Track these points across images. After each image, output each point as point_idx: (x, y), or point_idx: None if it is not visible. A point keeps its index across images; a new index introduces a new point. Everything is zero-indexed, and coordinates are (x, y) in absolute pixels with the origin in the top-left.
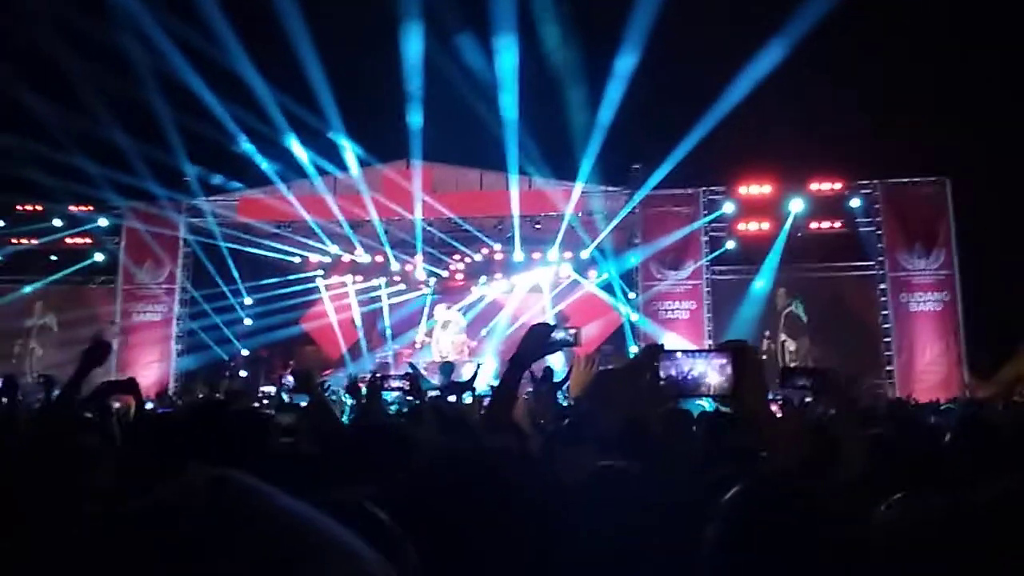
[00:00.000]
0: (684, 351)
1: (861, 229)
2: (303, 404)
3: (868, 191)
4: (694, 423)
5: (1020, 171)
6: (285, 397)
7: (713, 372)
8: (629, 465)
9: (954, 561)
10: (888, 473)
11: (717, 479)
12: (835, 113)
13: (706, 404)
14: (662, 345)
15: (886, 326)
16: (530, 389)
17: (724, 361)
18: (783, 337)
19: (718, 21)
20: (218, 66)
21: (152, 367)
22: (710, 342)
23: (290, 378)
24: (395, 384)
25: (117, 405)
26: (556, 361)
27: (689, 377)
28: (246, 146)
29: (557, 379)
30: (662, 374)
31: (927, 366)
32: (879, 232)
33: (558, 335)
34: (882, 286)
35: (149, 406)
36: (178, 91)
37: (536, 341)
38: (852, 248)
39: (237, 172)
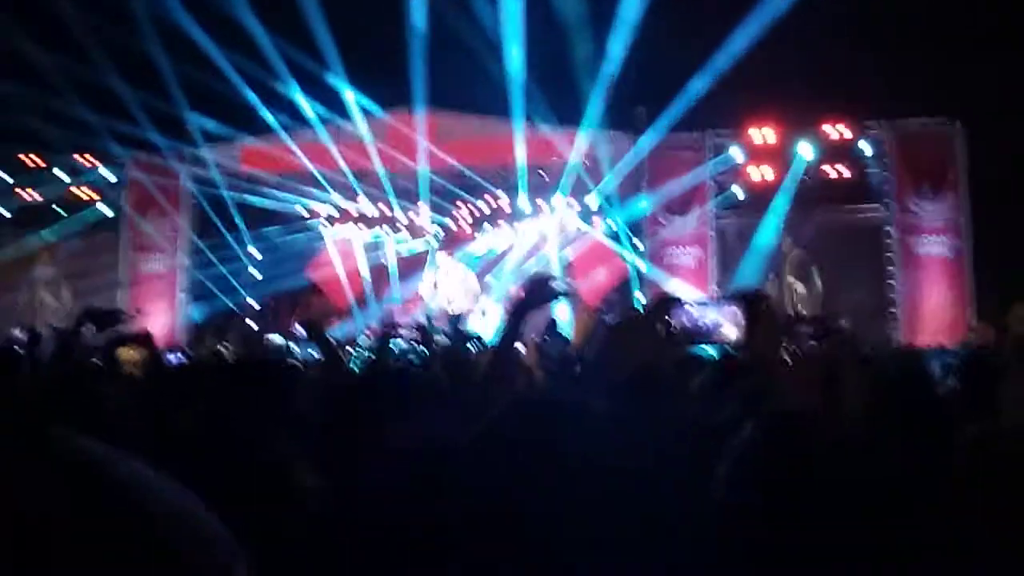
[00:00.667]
0: (696, 301)
1: (870, 172)
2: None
3: (876, 133)
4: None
5: None
6: (295, 347)
7: (726, 320)
8: (638, 410)
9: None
10: (889, 416)
11: (726, 420)
12: (845, 54)
13: (713, 351)
14: (674, 295)
15: (891, 268)
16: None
17: (737, 309)
18: (790, 279)
19: None
20: (217, 12)
21: (160, 317)
22: (716, 288)
23: (300, 328)
24: (405, 333)
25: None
26: (562, 312)
27: (701, 324)
28: (249, 95)
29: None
30: (674, 323)
31: (932, 311)
32: (887, 174)
33: (557, 285)
34: (889, 228)
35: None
36: (177, 38)
37: (536, 290)
38: (861, 191)
39: (239, 121)
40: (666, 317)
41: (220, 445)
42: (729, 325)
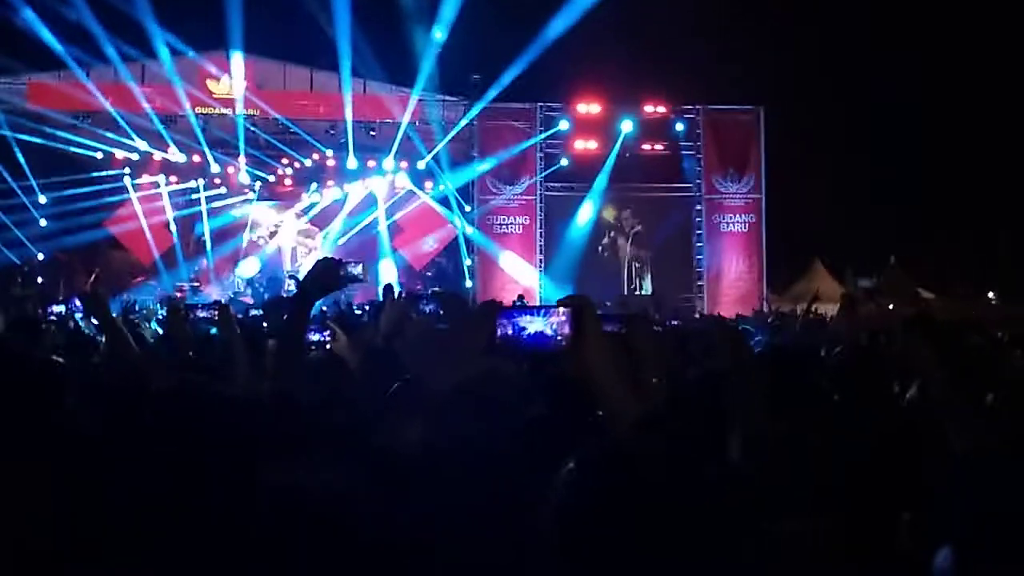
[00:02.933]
0: (522, 308)
1: (683, 152)
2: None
3: (691, 116)
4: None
5: (825, 104)
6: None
7: (550, 330)
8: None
9: None
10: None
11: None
12: (666, 39)
13: None
14: (500, 302)
15: (699, 244)
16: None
17: (563, 319)
18: (630, 255)
19: None
20: None
21: None
22: (541, 257)
23: (78, 302)
24: (202, 314)
25: None
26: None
27: (525, 335)
28: (37, 25)
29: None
30: (499, 332)
31: (732, 282)
32: (698, 156)
33: (351, 270)
34: (698, 207)
35: None
36: None
37: (323, 276)
38: (674, 170)
39: (24, 53)
40: (492, 324)
41: None
42: (552, 333)
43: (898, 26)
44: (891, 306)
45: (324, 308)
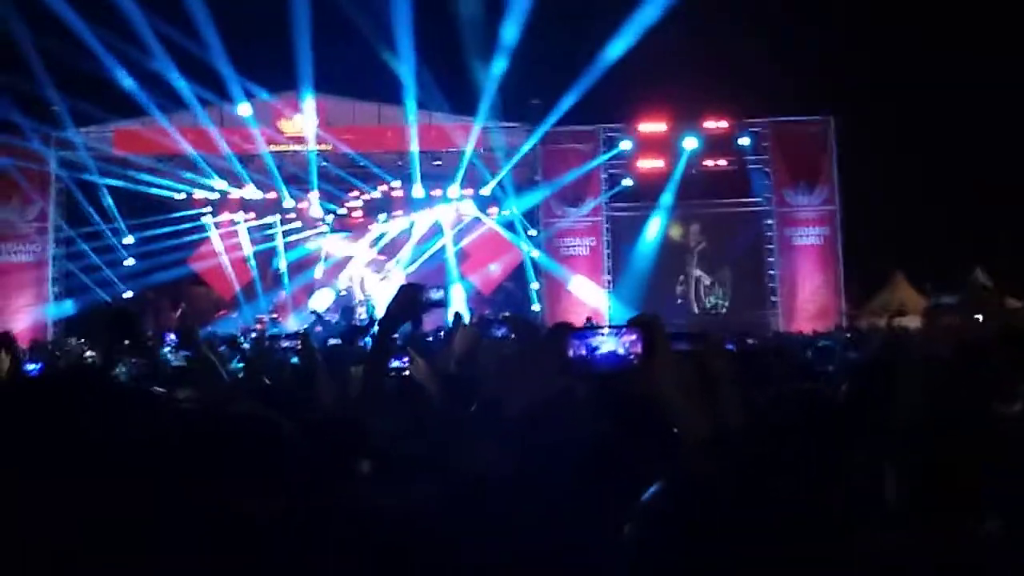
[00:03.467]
0: (593, 328)
1: (750, 166)
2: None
3: (757, 129)
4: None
5: (899, 112)
6: (169, 354)
7: (622, 349)
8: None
9: None
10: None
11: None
12: (727, 52)
13: None
14: (570, 324)
15: (771, 259)
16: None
17: (633, 337)
18: (698, 273)
19: None
20: None
21: (26, 312)
22: (609, 277)
23: (172, 336)
24: (285, 344)
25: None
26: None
27: (597, 354)
28: (120, 74)
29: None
30: (571, 353)
31: (808, 297)
32: (767, 169)
33: (432, 295)
34: (769, 221)
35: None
36: (39, 13)
37: (406, 302)
38: (742, 184)
39: (110, 102)
40: (563, 345)
41: None
42: (624, 352)
43: (962, 28)
44: (976, 317)
45: (397, 335)
